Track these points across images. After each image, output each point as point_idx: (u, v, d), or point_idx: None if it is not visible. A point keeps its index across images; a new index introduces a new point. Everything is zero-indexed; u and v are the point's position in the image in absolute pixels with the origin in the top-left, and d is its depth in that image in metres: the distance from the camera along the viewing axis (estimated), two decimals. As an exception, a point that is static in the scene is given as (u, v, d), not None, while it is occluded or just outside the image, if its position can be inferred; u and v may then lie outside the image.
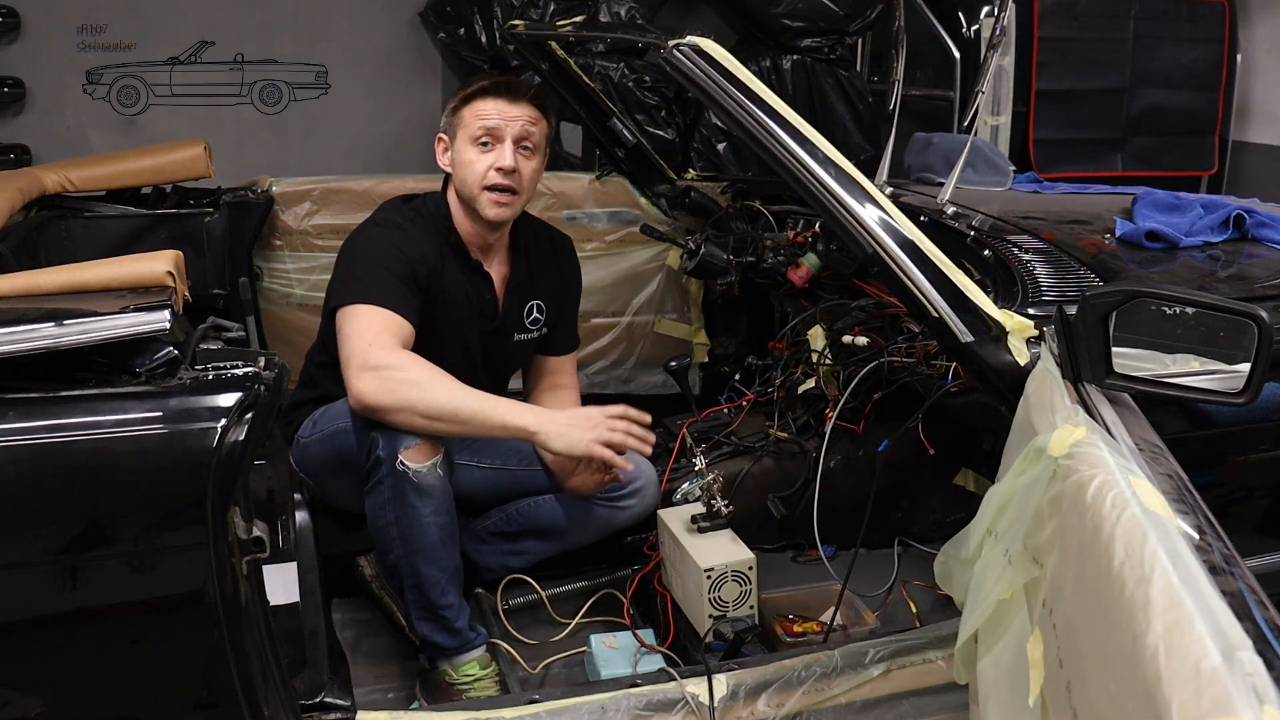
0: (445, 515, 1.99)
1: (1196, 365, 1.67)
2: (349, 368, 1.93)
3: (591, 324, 3.15)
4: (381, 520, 1.97)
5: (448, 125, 2.21)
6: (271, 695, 1.50)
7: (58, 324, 1.38)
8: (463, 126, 2.17)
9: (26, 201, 2.38)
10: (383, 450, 1.92)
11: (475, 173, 2.16)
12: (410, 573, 1.98)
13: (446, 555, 2.00)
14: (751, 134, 1.89)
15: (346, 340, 1.98)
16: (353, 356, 1.94)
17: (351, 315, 2.01)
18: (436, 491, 1.95)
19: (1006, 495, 1.57)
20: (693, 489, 2.29)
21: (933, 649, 1.94)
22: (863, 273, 2.39)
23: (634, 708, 1.80)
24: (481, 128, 2.15)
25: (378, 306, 2.01)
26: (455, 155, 2.20)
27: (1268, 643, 1.04)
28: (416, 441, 1.93)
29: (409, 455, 1.92)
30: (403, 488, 1.93)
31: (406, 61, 5.17)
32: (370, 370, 1.91)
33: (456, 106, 2.20)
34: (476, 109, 2.16)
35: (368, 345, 1.94)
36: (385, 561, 2.03)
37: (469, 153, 2.16)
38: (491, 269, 2.29)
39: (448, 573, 2.00)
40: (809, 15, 4.37)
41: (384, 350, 1.94)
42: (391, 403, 1.89)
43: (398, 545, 1.97)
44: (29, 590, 1.39)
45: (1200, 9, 4.74)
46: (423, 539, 1.96)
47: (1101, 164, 4.66)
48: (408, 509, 1.94)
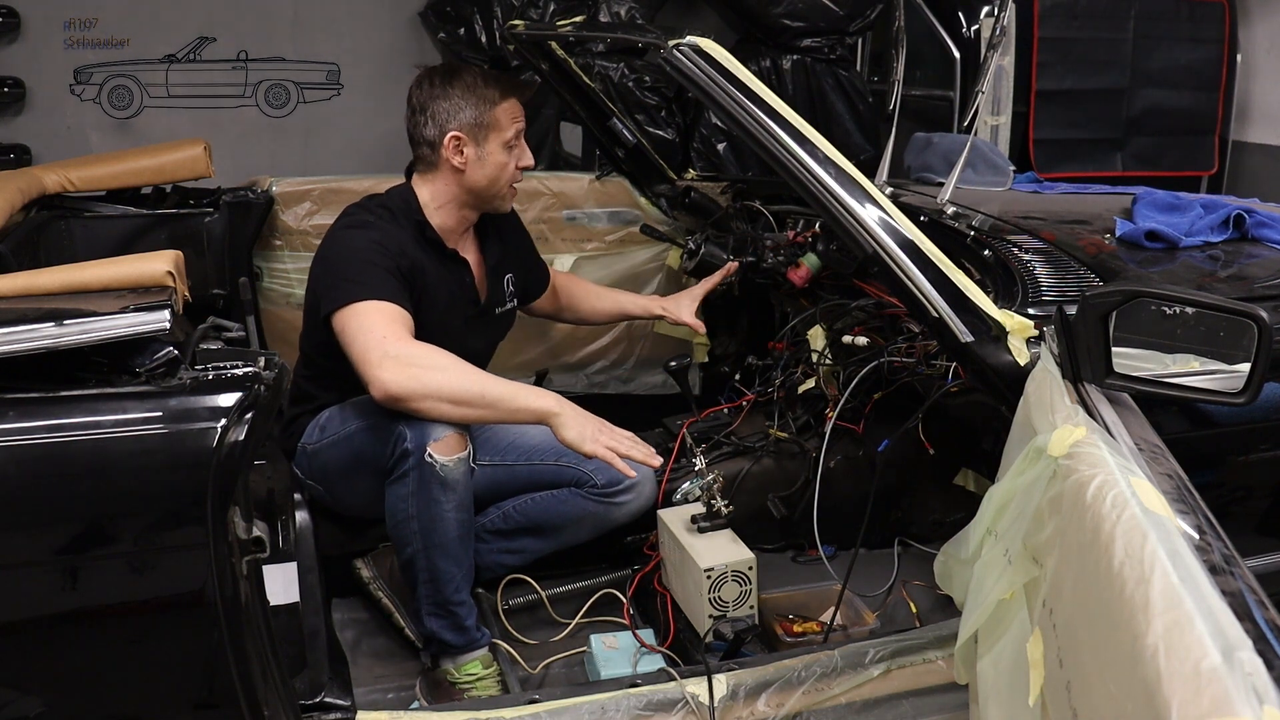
0: (465, 512, 1.99)
1: (1196, 365, 1.67)
2: (367, 363, 1.92)
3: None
4: (403, 513, 1.97)
5: (473, 125, 2.17)
6: (271, 695, 1.50)
7: (58, 324, 1.38)
8: (496, 129, 2.18)
9: (26, 201, 2.37)
10: (411, 443, 1.92)
11: (508, 173, 2.22)
12: (427, 567, 1.98)
13: (463, 552, 2.01)
14: (751, 134, 1.89)
15: (356, 338, 1.96)
16: (369, 351, 1.92)
17: (353, 314, 1.99)
18: (460, 487, 1.96)
19: (1006, 495, 1.57)
20: (693, 489, 2.29)
21: (933, 649, 1.95)
22: (863, 273, 2.39)
23: (634, 708, 1.80)
24: (516, 130, 2.21)
25: (378, 301, 2.00)
26: (483, 155, 2.19)
27: (1268, 643, 1.04)
28: (445, 434, 1.93)
29: (437, 448, 1.92)
30: (428, 481, 1.93)
31: (406, 61, 5.07)
32: (392, 360, 1.90)
33: (487, 108, 2.17)
34: (510, 111, 2.20)
35: (382, 338, 1.93)
36: (400, 556, 2.03)
37: (502, 155, 2.20)
38: (467, 254, 2.31)
39: (463, 569, 2.01)
40: (809, 15, 4.36)
41: (400, 341, 1.94)
42: (418, 390, 1.89)
43: (417, 539, 1.97)
44: (29, 590, 1.39)
45: (1200, 9, 4.74)
46: (443, 533, 1.96)
47: (1101, 164, 4.66)
48: (431, 502, 1.94)
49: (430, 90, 2.19)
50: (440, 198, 2.23)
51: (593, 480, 2.23)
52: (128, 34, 4.68)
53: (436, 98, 2.18)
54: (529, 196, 2.99)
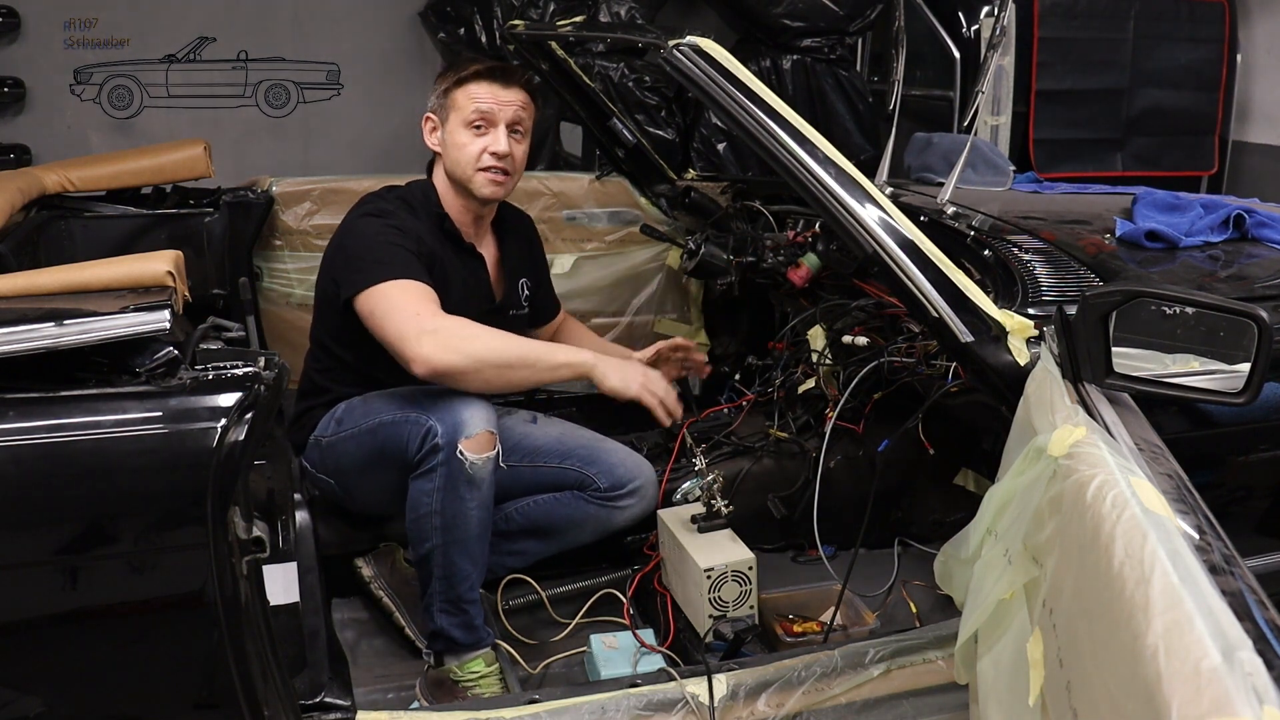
0: (487, 511, 1.99)
1: (1196, 365, 1.67)
2: (405, 341, 1.92)
3: (591, 324, 3.14)
4: (425, 508, 1.96)
5: (438, 106, 2.22)
6: (271, 695, 1.50)
7: (58, 324, 1.38)
8: (455, 109, 2.19)
9: (26, 201, 2.37)
10: (442, 438, 1.92)
11: (469, 155, 2.18)
12: (444, 563, 1.98)
13: (480, 551, 2.01)
14: (751, 134, 1.89)
15: (389, 317, 1.96)
16: (406, 329, 1.92)
17: (380, 295, 1.99)
18: (485, 485, 1.96)
19: (1006, 495, 1.57)
20: (693, 489, 2.29)
21: (933, 649, 1.94)
22: (863, 273, 2.39)
23: (634, 708, 1.80)
24: (475, 111, 2.17)
25: (404, 280, 2.00)
26: (446, 137, 2.21)
27: (1268, 643, 1.04)
28: (478, 431, 1.93)
29: (469, 445, 1.92)
30: (456, 477, 1.93)
31: (406, 61, 5.07)
32: (430, 335, 1.90)
33: (448, 88, 2.20)
34: (470, 92, 2.17)
35: (416, 314, 1.94)
36: (418, 551, 2.02)
37: (461, 135, 2.18)
38: (484, 250, 2.31)
39: (478, 568, 2.02)
40: (809, 15, 4.37)
41: (435, 316, 1.95)
42: (463, 361, 1.90)
43: (437, 534, 1.97)
44: (29, 590, 1.39)
45: (1200, 9, 4.74)
46: (464, 531, 1.96)
47: (1101, 164, 4.66)
48: (456, 499, 1.94)
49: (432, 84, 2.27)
50: (444, 188, 2.25)
51: (596, 484, 2.23)
52: (128, 34, 4.69)
53: (433, 84, 2.26)
54: (529, 196, 2.99)
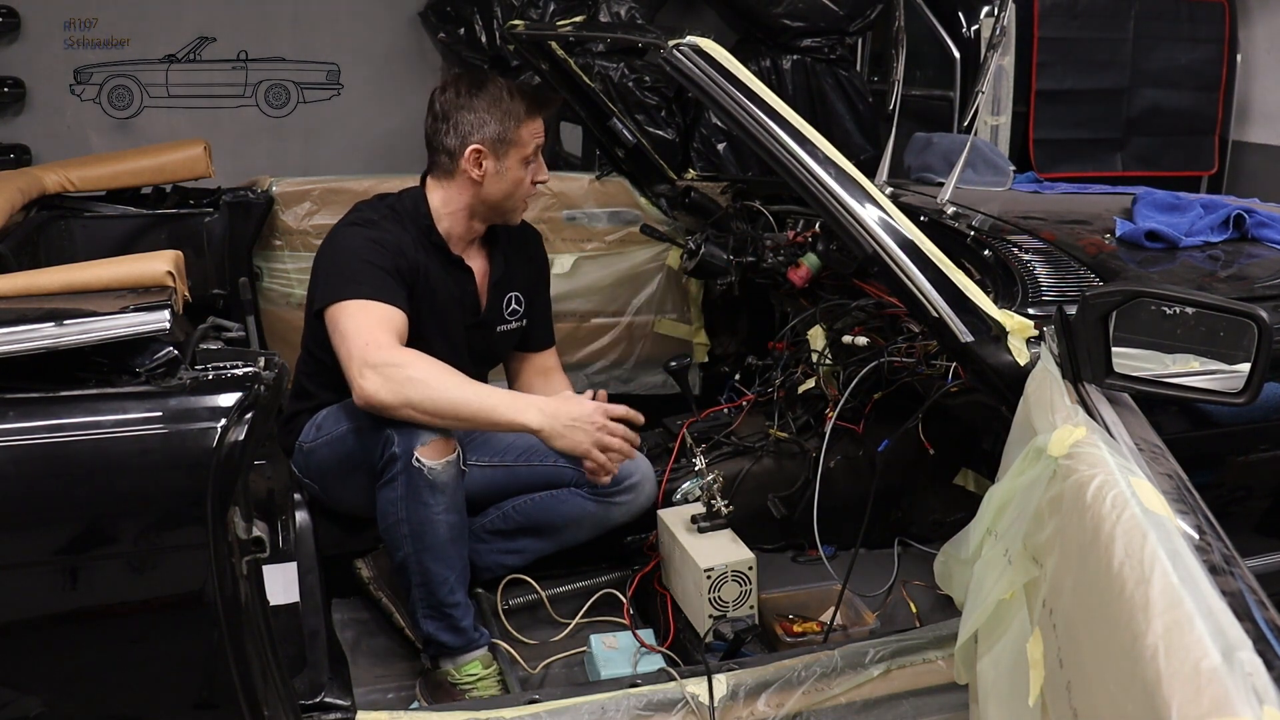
0: (456, 514, 1.99)
1: (1196, 365, 1.67)
2: (350, 367, 1.93)
3: (591, 324, 3.15)
4: (392, 517, 1.97)
5: (497, 140, 2.15)
6: (271, 695, 1.50)
7: (58, 324, 1.38)
8: (518, 145, 2.18)
9: (26, 201, 2.37)
10: (398, 447, 1.93)
11: (524, 188, 2.23)
12: (418, 570, 1.98)
13: (455, 554, 2.00)
14: (751, 134, 1.89)
15: (344, 339, 1.97)
16: (352, 355, 1.93)
17: (343, 312, 2.00)
18: (449, 489, 1.96)
19: (1006, 495, 1.57)
20: (693, 489, 2.29)
21: (933, 649, 1.94)
22: (863, 273, 2.39)
23: (634, 708, 1.80)
24: (536, 146, 2.21)
25: (369, 300, 2.00)
26: (502, 170, 2.18)
27: (1268, 643, 1.04)
28: (432, 438, 1.93)
29: (424, 452, 1.92)
30: (417, 484, 1.93)
31: (406, 61, 5.06)
32: (371, 368, 1.90)
33: (512, 125, 2.16)
34: (534, 129, 2.20)
35: (365, 344, 1.94)
36: (394, 559, 2.03)
37: (519, 170, 2.20)
38: (472, 263, 2.30)
39: (455, 571, 2.01)
40: (809, 15, 4.36)
41: (384, 348, 1.94)
42: (396, 401, 1.89)
43: (407, 542, 1.97)
44: (29, 590, 1.39)
45: (1200, 9, 4.73)
46: (433, 537, 1.96)
47: (1101, 164, 4.66)
48: (420, 506, 1.94)
49: (455, 99, 2.17)
50: (451, 204, 2.22)
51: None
52: (128, 34, 4.68)
53: (461, 108, 2.16)
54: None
